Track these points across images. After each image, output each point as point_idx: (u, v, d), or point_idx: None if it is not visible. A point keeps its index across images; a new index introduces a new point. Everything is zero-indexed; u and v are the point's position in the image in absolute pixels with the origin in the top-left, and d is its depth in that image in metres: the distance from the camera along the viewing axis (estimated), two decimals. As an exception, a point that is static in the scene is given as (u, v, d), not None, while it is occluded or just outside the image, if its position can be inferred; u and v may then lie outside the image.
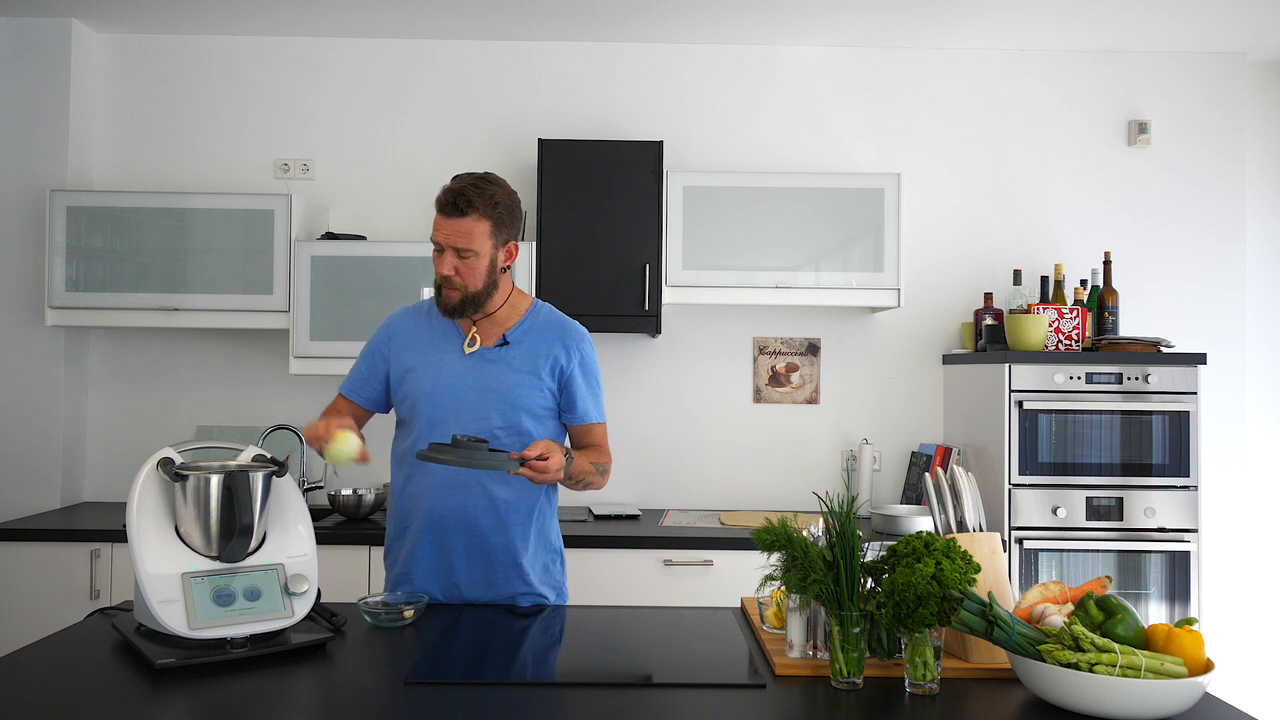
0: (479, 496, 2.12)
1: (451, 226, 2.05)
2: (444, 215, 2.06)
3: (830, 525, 1.61)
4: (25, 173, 3.58)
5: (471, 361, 2.13)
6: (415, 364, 2.16)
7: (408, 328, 2.21)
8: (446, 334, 2.18)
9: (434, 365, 2.14)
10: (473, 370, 2.13)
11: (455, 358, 2.15)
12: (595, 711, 1.47)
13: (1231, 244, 3.80)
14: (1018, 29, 3.62)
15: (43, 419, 3.56)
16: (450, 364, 2.14)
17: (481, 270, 2.09)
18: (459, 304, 2.10)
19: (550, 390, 2.16)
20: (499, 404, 2.11)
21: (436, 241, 2.07)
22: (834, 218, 3.45)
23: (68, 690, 1.52)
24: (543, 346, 2.16)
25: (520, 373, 2.13)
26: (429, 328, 2.19)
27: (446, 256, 2.06)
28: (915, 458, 3.71)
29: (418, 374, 2.15)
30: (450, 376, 2.13)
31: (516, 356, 2.14)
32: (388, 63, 3.81)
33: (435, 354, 2.15)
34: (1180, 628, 1.45)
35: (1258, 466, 3.84)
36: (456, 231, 2.05)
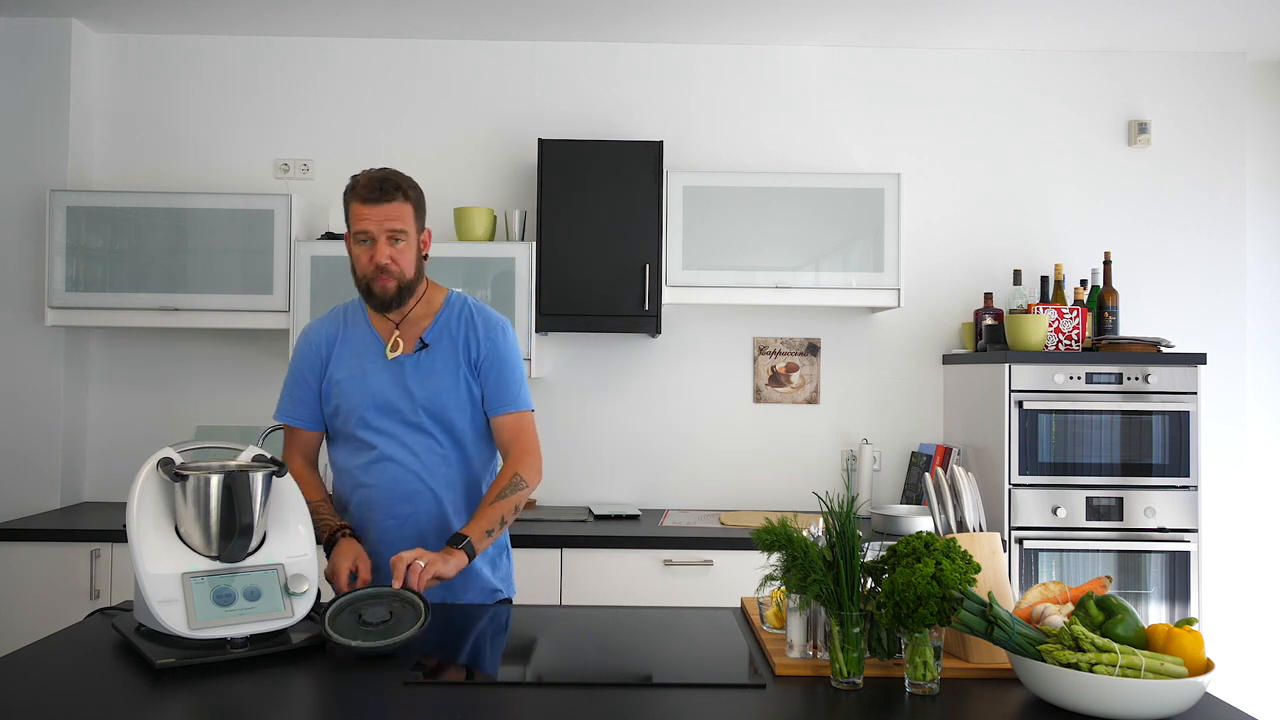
0: (428, 503, 2.12)
1: (382, 211, 2.03)
2: (369, 203, 2.03)
3: (830, 525, 1.61)
4: (25, 173, 3.58)
5: (394, 369, 2.11)
6: (342, 377, 2.13)
7: (328, 338, 2.18)
8: (366, 341, 2.15)
9: (359, 378, 2.12)
10: (398, 379, 2.11)
11: (379, 366, 2.12)
12: (595, 711, 1.47)
13: (1231, 244, 3.80)
14: (1018, 29, 3.62)
15: (43, 419, 3.56)
16: (375, 374, 2.11)
17: (412, 255, 2.08)
18: (396, 293, 2.07)
19: (471, 386, 2.14)
20: (429, 410, 2.11)
21: (364, 230, 2.03)
22: (834, 218, 3.45)
23: (68, 690, 1.52)
24: (459, 342, 2.14)
25: (442, 375, 2.12)
26: (346, 338, 2.17)
27: (380, 244, 2.03)
28: (915, 458, 3.71)
29: (345, 387, 2.12)
30: (377, 388, 2.11)
31: (436, 358, 2.13)
32: (388, 63, 3.81)
33: (359, 364, 2.13)
34: (1180, 628, 1.45)
35: (1258, 466, 3.84)
36: (388, 215, 2.03)
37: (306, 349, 2.19)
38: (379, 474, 2.12)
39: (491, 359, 2.14)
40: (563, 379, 3.78)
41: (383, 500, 2.12)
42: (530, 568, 3.12)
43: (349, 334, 2.17)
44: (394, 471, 2.11)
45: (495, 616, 2.02)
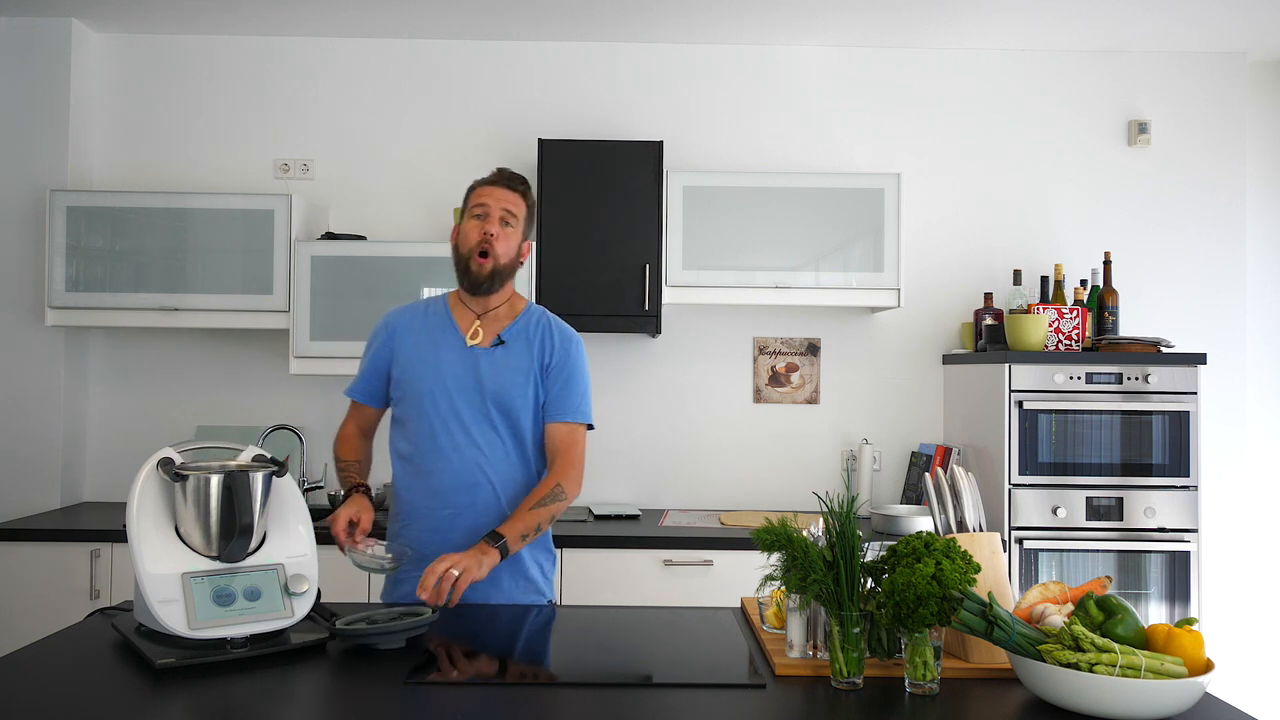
0: (487, 495, 2.14)
1: (502, 194, 2.17)
2: (494, 185, 2.17)
3: (830, 525, 1.61)
4: (25, 173, 3.58)
5: (469, 359, 2.15)
6: (417, 359, 2.18)
7: (407, 324, 2.23)
8: (444, 330, 2.20)
9: (433, 363, 2.16)
10: (471, 368, 2.15)
11: (455, 355, 2.16)
12: (595, 711, 1.47)
13: (1231, 244, 3.80)
14: (1018, 29, 3.62)
15: (43, 419, 3.56)
16: (449, 361, 2.16)
17: (513, 246, 2.18)
18: (490, 275, 2.15)
19: (538, 390, 2.18)
20: (497, 403, 2.14)
21: (482, 204, 2.15)
22: (834, 218, 3.45)
23: (68, 690, 1.52)
24: (534, 346, 2.19)
25: (514, 372, 2.16)
26: (427, 325, 2.22)
27: (492, 219, 2.14)
28: (915, 458, 3.71)
29: (418, 371, 2.16)
30: (450, 375, 2.15)
31: (510, 356, 2.18)
32: (388, 63, 3.81)
33: (434, 351, 2.17)
34: (1180, 628, 1.45)
35: (1258, 466, 3.84)
36: (507, 199, 2.17)
37: (380, 328, 2.25)
38: (441, 460, 2.14)
39: (561, 365, 2.19)
40: (563, 379, 3.78)
41: (442, 488, 2.14)
42: (530, 568, 3.12)
43: (427, 322, 2.22)
44: (456, 460, 2.13)
45: (495, 617, 2.02)
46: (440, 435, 2.13)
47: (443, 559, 1.90)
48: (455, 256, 2.19)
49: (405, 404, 2.19)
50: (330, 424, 3.73)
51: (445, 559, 1.90)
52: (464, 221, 2.20)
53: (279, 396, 3.75)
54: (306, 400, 3.74)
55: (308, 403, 3.74)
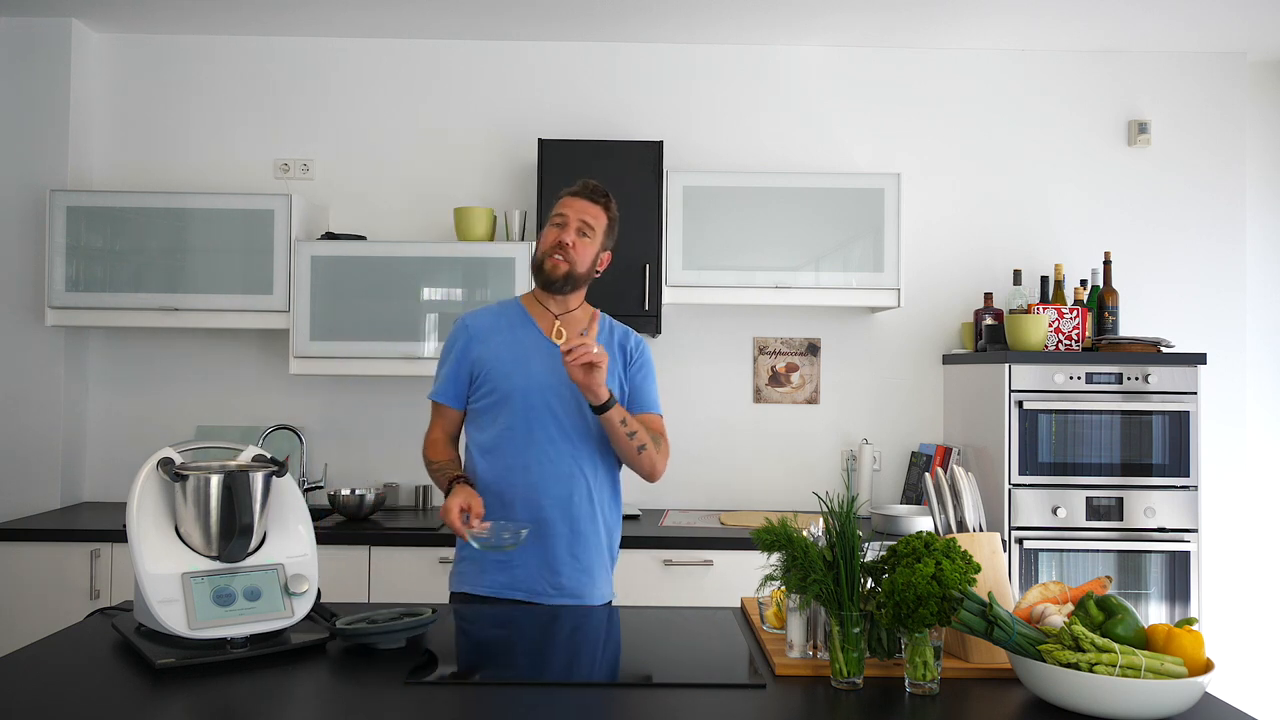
0: (582, 488, 2.20)
1: (583, 205, 2.24)
2: (577, 196, 2.24)
3: (830, 525, 1.61)
4: (25, 173, 3.58)
5: (556, 358, 2.18)
6: (504, 359, 2.21)
7: (487, 325, 2.26)
8: (526, 330, 2.25)
9: (522, 361, 2.20)
10: (558, 367, 2.16)
11: (542, 353, 2.21)
12: (595, 711, 1.47)
13: (1231, 244, 3.80)
14: (1018, 29, 3.62)
15: (43, 419, 3.56)
16: (538, 359, 2.21)
17: (589, 255, 2.24)
18: (562, 277, 2.21)
19: (623, 385, 2.27)
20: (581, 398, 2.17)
21: (562, 214, 2.22)
22: (834, 218, 3.45)
23: (68, 690, 1.52)
24: (613, 346, 2.29)
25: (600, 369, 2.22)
26: (507, 325, 2.26)
27: (569, 228, 2.21)
28: (915, 458, 3.71)
29: (507, 370, 2.20)
30: (540, 372, 2.19)
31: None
32: (388, 63, 3.81)
33: (521, 349, 2.22)
34: (1180, 628, 1.45)
35: (1258, 466, 3.84)
36: (587, 210, 2.23)
37: (462, 332, 2.26)
38: (538, 454, 2.17)
39: (641, 364, 2.32)
40: (563, 379, 3.78)
41: (539, 482, 2.17)
42: (530, 568, 3.12)
43: (508, 323, 2.26)
44: (553, 453, 2.17)
45: (495, 617, 2.02)
46: (536, 431, 2.17)
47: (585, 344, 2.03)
48: (533, 260, 2.27)
49: (494, 402, 2.21)
50: (330, 424, 3.75)
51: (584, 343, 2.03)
52: (544, 228, 2.28)
53: (279, 396, 3.75)
54: (306, 400, 3.74)
55: (308, 403, 3.74)
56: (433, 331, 3.41)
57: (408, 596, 3.08)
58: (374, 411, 3.76)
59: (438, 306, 3.42)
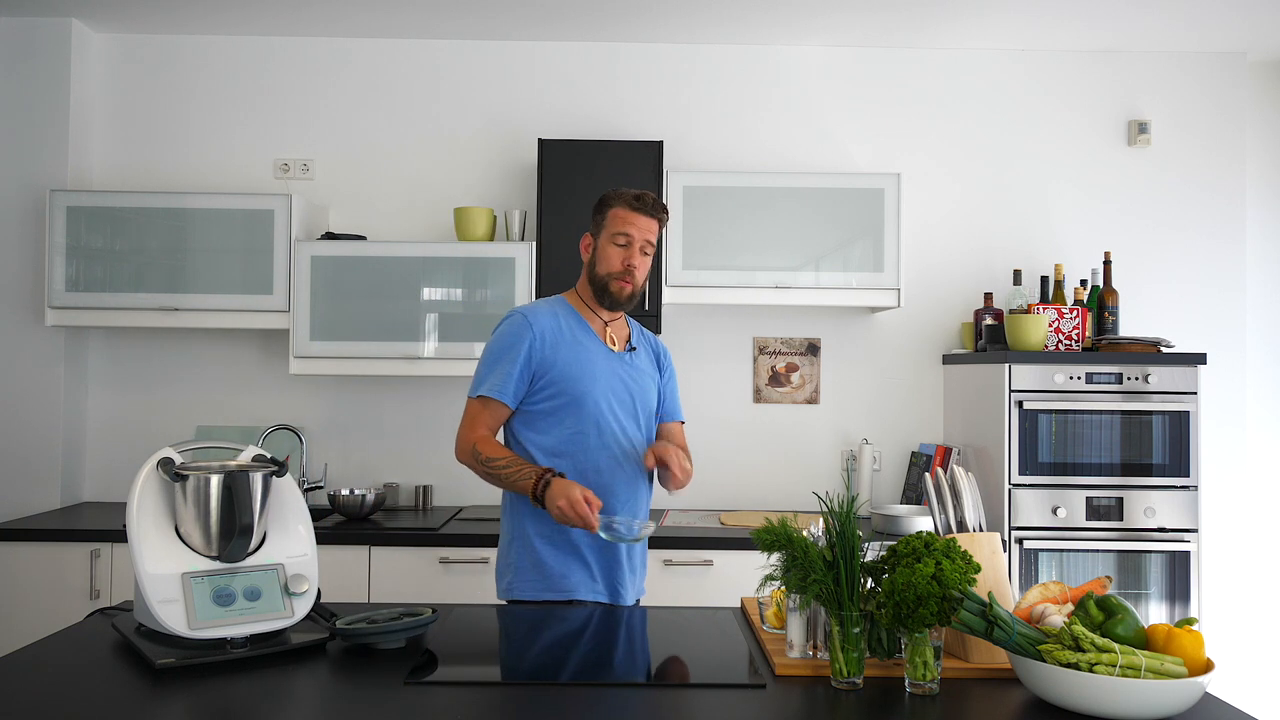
0: (644, 490, 2.26)
1: (646, 223, 2.23)
2: (640, 212, 2.22)
3: (830, 525, 1.61)
4: (25, 173, 3.58)
5: (615, 363, 2.27)
6: (571, 362, 2.22)
7: (551, 327, 2.24)
8: (587, 335, 2.27)
9: (588, 366, 2.22)
10: (619, 370, 2.26)
11: (604, 359, 2.25)
12: (595, 711, 1.47)
13: (1231, 244, 3.80)
14: (1018, 29, 3.62)
15: (43, 419, 3.56)
16: (602, 364, 2.25)
17: (647, 270, 2.28)
18: (629, 296, 2.25)
19: (658, 391, 2.36)
20: (640, 403, 2.28)
21: (627, 234, 2.22)
22: (834, 218, 3.45)
23: (68, 690, 1.52)
24: (649, 354, 2.37)
25: (646, 376, 2.33)
26: (569, 327, 2.26)
27: (634, 250, 2.23)
28: (915, 458, 3.71)
29: (575, 373, 2.21)
30: (604, 378, 2.23)
31: (640, 361, 2.34)
32: (388, 63, 3.81)
33: (585, 353, 2.24)
34: (1180, 628, 1.45)
35: (1258, 466, 3.84)
36: (650, 228, 2.24)
37: (525, 331, 2.21)
38: (607, 458, 2.21)
39: (670, 372, 2.41)
40: (563, 379, 3.78)
41: (611, 484, 2.20)
42: (530, 568, 3.12)
43: (569, 325, 2.26)
44: (621, 458, 2.22)
45: (495, 616, 2.02)
46: (606, 435, 2.20)
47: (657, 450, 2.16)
48: (590, 272, 2.28)
49: (562, 405, 2.20)
50: (330, 424, 3.74)
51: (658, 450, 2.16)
52: (602, 240, 2.26)
53: (279, 396, 3.75)
54: (306, 400, 3.74)
55: (308, 403, 3.74)
56: (433, 331, 3.41)
57: (408, 596, 3.08)
58: (374, 411, 3.76)
59: (438, 306, 3.42)
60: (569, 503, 2.01)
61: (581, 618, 2.03)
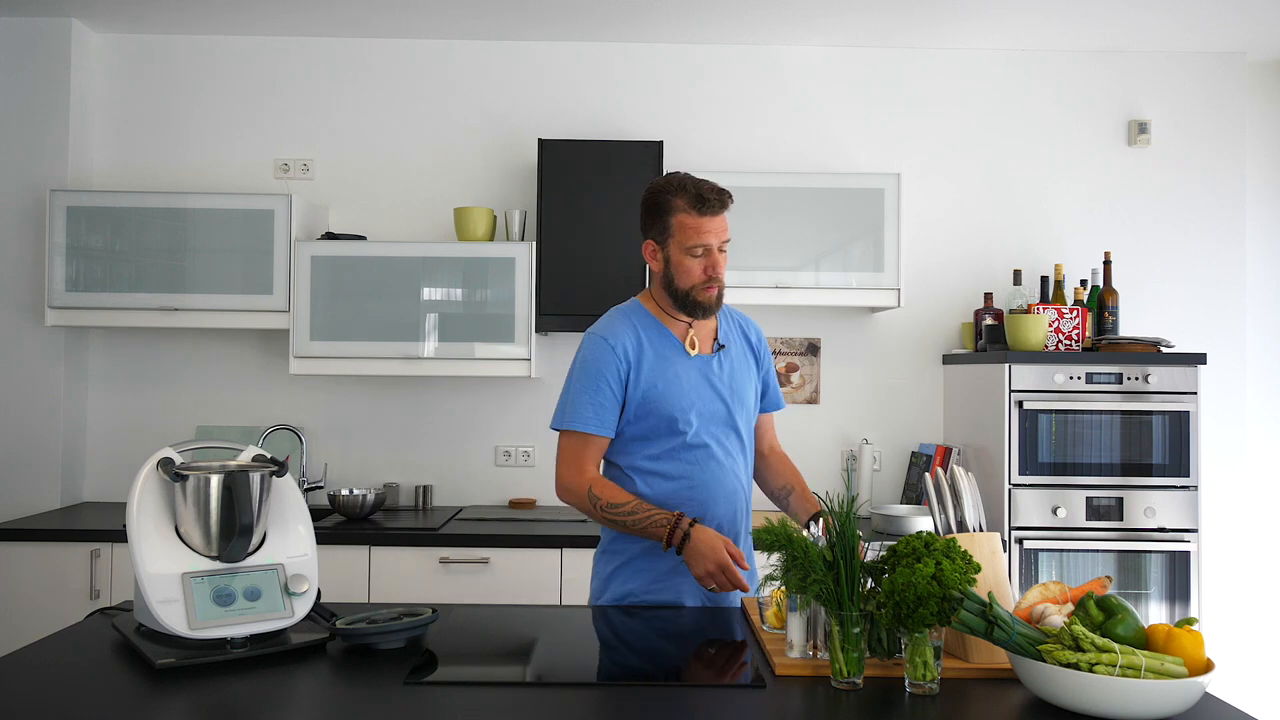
0: (742, 501, 2.15)
1: (719, 223, 2.07)
2: (709, 214, 2.05)
3: (830, 525, 1.61)
4: (25, 173, 3.58)
5: (701, 369, 2.12)
6: (659, 379, 2.09)
7: (634, 345, 2.10)
8: (667, 344, 2.12)
9: (674, 380, 2.09)
10: (706, 375, 2.12)
11: (689, 369, 2.11)
12: (595, 711, 1.47)
13: (1231, 244, 3.80)
14: (1018, 29, 3.63)
15: (43, 419, 3.56)
16: (689, 374, 2.11)
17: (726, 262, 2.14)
18: (717, 300, 2.11)
19: (757, 384, 2.22)
20: (738, 406, 2.14)
21: (704, 244, 2.04)
22: (834, 218, 3.45)
23: (68, 690, 1.52)
24: (742, 344, 2.22)
25: (742, 374, 2.18)
26: (649, 340, 2.12)
27: (714, 256, 2.07)
28: (915, 458, 3.71)
29: (662, 391, 2.08)
30: (692, 389, 2.10)
31: (733, 358, 2.18)
32: (388, 63, 3.81)
33: (670, 368, 2.10)
34: (1180, 628, 1.45)
35: (1258, 466, 3.84)
36: (723, 227, 2.08)
37: (609, 355, 2.08)
38: (704, 474, 2.09)
39: (766, 356, 2.27)
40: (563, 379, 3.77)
41: (705, 500, 2.09)
42: (530, 568, 3.13)
43: (648, 337, 2.12)
44: (716, 471, 2.10)
45: (495, 617, 2.02)
46: (701, 450, 2.09)
47: None
48: (667, 285, 2.10)
49: (655, 425, 2.09)
50: (330, 424, 3.74)
51: None
52: (673, 251, 2.07)
53: (279, 396, 3.75)
54: (306, 400, 3.74)
55: (308, 403, 3.74)
56: (432, 331, 3.41)
57: (408, 596, 3.08)
58: (374, 411, 3.76)
59: (438, 306, 3.42)
60: (720, 568, 1.93)
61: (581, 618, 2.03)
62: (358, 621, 1.72)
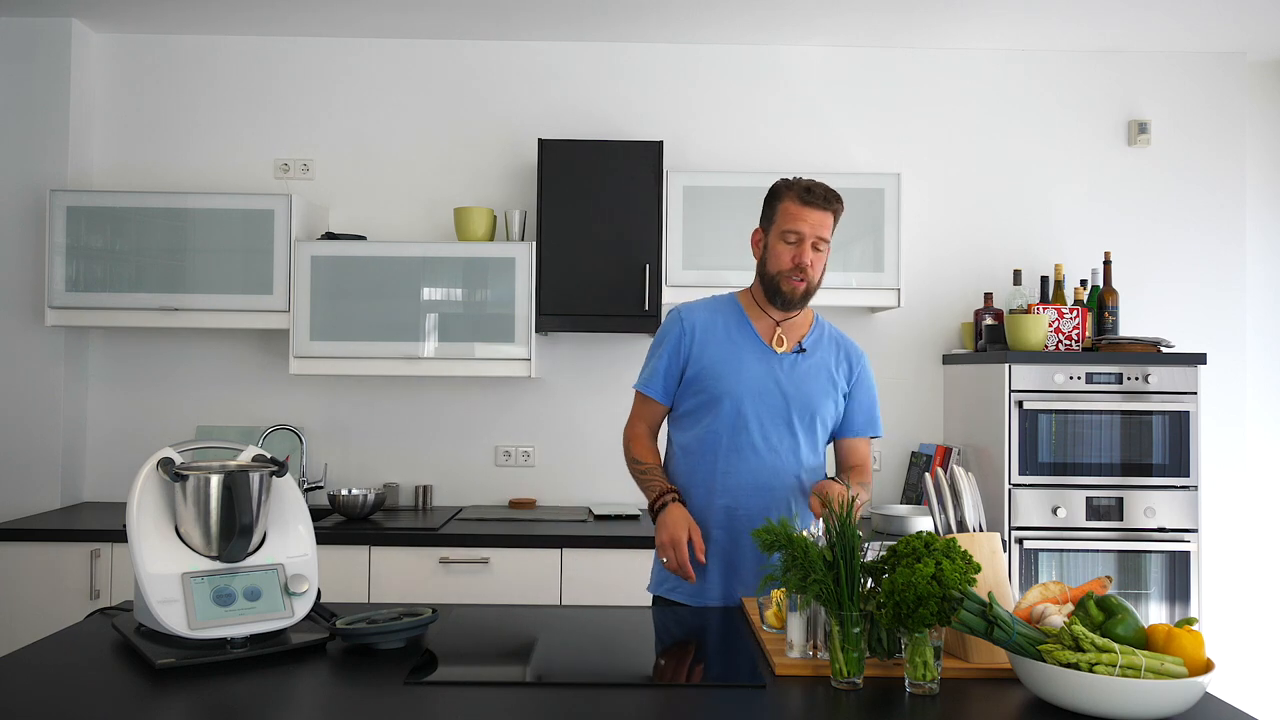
0: (780, 499, 2.14)
1: (817, 217, 2.10)
2: (810, 205, 2.09)
3: (830, 525, 1.61)
4: (25, 173, 3.58)
5: (774, 363, 2.16)
6: (718, 360, 2.16)
7: (704, 323, 2.20)
8: (744, 334, 2.19)
9: (736, 364, 2.15)
10: (775, 372, 2.16)
11: (757, 358, 2.16)
12: (595, 711, 1.47)
13: (1231, 244, 3.80)
14: (1018, 29, 3.62)
15: (43, 419, 3.56)
16: (753, 364, 2.16)
17: (824, 263, 2.15)
18: (802, 295, 2.13)
19: (837, 402, 2.22)
20: (799, 408, 2.15)
21: (796, 230, 2.09)
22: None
23: (68, 690, 1.52)
24: (831, 359, 2.22)
25: (817, 380, 2.19)
26: (725, 325, 2.20)
27: (805, 247, 2.10)
28: (915, 458, 3.71)
29: (721, 370, 2.15)
30: (754, 377, 2.15)
31: (812, 364, 2.19)
32: (388, 63, 3.81)
33: (736, 352, 2.17)
34: (1180, 628, 1.45)
35: (1258, 466, 3.84)
36: (821, 223, 2.10)
37: (678, 326, 2.21)
38: (740, 462, 2.14)
39: (863, 382, 2.26)
40: (563, 379, 3.78)
41: (738, 487, 2.14)
42: (530, 568, 3.13)
43: (725, 322, 2.20)
44: (755, 462, 2.14)
45: (495, 617, 2.02)
46: (740, 437, 2.13)
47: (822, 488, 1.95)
48: (761, 270, 2.17)
49: (701, 403, 2.17)
50: (330, 424, 3.75)
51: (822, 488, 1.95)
52: (772, 236, 2.15)
53: (279, 396, 3.75)
54: (306, 400, 3.74)
55: (308, 403, 3.74)
56: (432, 331, 3.41)
57: (408, 596, 3.08)
58: (374, 411, 3.76)
59: (438, 306, 3.42)
60: (673, 543, 2.04)
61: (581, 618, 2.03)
62: (358, 621, 1.72)
